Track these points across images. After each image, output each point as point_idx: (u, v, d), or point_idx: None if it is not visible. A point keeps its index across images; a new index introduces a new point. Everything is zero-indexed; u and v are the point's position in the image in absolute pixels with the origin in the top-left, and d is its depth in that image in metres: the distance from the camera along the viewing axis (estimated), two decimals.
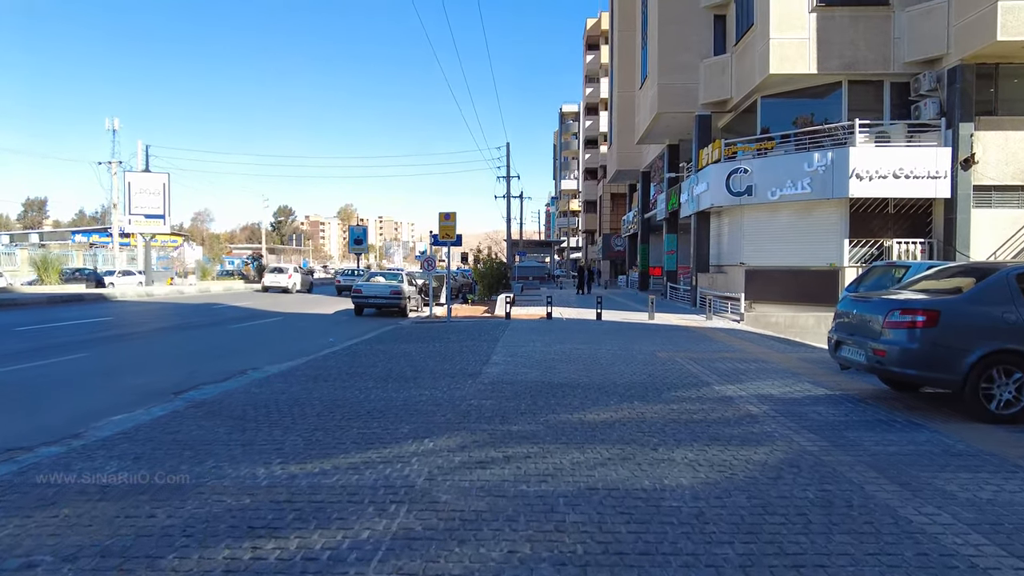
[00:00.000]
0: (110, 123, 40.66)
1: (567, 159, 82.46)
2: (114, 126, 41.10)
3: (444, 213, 15.76)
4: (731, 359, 9.36)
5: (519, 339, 11.78)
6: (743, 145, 18.10)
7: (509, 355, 9.60)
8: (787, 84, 17.43)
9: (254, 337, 13.81)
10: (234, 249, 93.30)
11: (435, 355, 9.72)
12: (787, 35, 16.23)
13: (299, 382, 7.55)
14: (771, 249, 17.73)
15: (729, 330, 14.04)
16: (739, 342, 11.75)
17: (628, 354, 9.70)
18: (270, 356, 10.29)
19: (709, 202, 18.80)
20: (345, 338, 12.78)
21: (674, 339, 11.97)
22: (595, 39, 60.24)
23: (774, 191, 16.87)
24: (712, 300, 16.88)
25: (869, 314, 5.99)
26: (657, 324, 14.92)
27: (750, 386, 7.15)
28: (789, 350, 10.76)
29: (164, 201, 30.48)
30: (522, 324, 14.81)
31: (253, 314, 19.03)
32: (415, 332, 13.41)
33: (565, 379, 7.53)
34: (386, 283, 18.85)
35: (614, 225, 49.78)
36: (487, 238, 79.39)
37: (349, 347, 10.96)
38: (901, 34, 15.88)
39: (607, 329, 13.77)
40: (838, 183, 15.60)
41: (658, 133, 24.40)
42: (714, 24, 20.51)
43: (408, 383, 7.35)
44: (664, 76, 20.77)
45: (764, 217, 17.94)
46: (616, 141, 33.61)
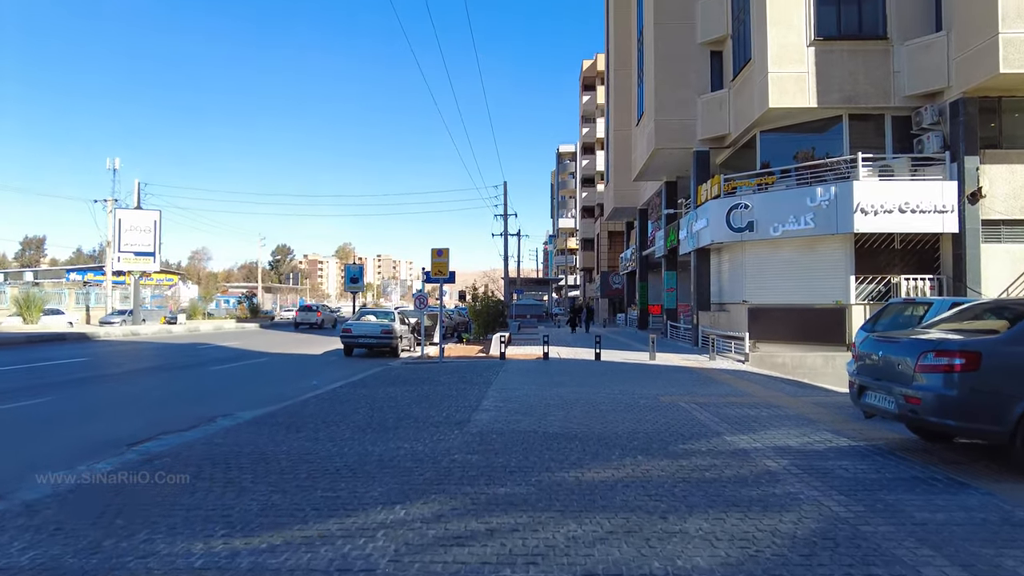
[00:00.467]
0: (111, 163, 40.94)
1: (564, 198, 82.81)
2: (115, 165, 41.44)
3: (437, 249, 15.26)
4: (740, 404, 8.69)
5: (513, 382, 11.11)
6: (743, 180, 17.74)
7: (501, 400, 8.93)
8: (786, 118, 17.17)
9: (234, 380, 13.11)
10: (230, 288, 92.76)
11: (422, 400, 9.04)
12: (786, 69, 16.03)
13: (269, 431, 6.87)
14: (774, 286, 17.20)
15: (734, 371, 13.38)
16: (746, 385, 11.08)
17: (629, 399, 9.03)
18: (247, 401, 9.64)
19: (709, 238, 18.35)
20: (330, 381, 12.11)
21: (677, 382, 11.30)
22: (591, 80, 61.09)
23: (776, 227, 16.43)
24: (715, 339, 16.25)
25: (898, 356, 5.37)
26: (659, 365, 14.26)
27: (765, 436, 6.48)
28: (800, 393, 10.09)
29: (155, 238, 30.05)
30: (517, 365, 14.15)
31: (239, 355, 18.34)
32: (404, 374, 12.73)
33: (561, 429, 6.86)
34: (377, 322, 18.22)
35: (612, 263, 49.43)
36: (485, 276, 79.05)
37: (332, 391, 10.28)
38: (901, 68, 15.68)
39: (606, 370, 13.10)
40: (842, 218, 15.17)
41: (655, 170, 24.15)
42: (711, 60, 20.43)
43: (388, 433, 6.67)
44: (661, 112, 20.59)
45: (766, 253, 17.45)
46: (613, 179, 33.47)
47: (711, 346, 15.75)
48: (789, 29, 16.03)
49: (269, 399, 9.66)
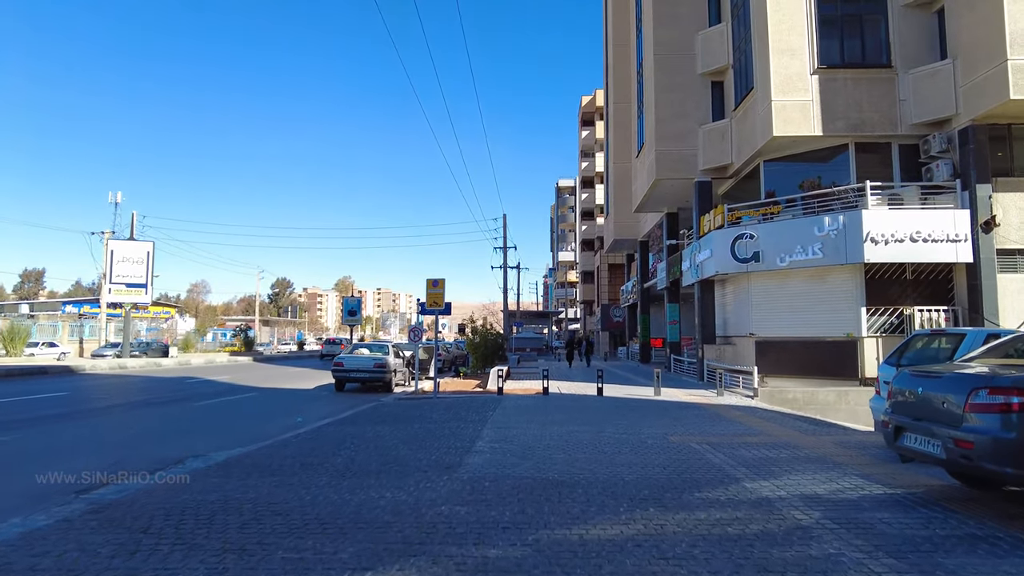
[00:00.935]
0: (112, 196, 40.58)
1: (564, 231, 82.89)
2: (116, 199, 41.44)
3: (432, 280, 14.72)
4: (755, 444, 8.02)
5: (510, 419, 10.43)
6: (747, 210, 17.31)
7: (497, 440, 8.25)
8: (790, 147, 16.83)
9: (216, 416, 12.41)
10: (227, 321, 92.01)
11: (411, 440, 8.37)
12: (789, 97, 15.74)
13: (240, 476, 6.21)
14: (782, 319, 16.61)
15: (744, 408, 12.69)
16: (758, 422, 10.40)
17: (636, 439, 8.36)
18: (225, 440, 8.98)
19: (713, 269, 17.83)
20: (316, 417, 11.43)
21: (685, 419, 10.62)
22: (590, 115, 61.58)
23: (783, 257, 15.92)
24: (723, 374, 15.57)
25: (941, 394, 4.76)
26: (664, 401, 13.57)
27: (789, 482, 5.81)
28: (818, 431, 9.41)
29: (147, 270, 29.54)
30: (515, 401, 13.46)
31: (227, 389, 17.63)
32: (395, 411, 12.04)
33: (562, 474, 6.19)
34: (370, 355, 17.55)
35: (612, 296, 48.94)
36: (484, 309, 78.41)
37: (316, 429, 9.60)
38: (907, 96, 15.39)
39: (610, 407, 12.41)
40: (852, 247, 14.67)
41: (656, 201, 23.80)
42: (711, 90, 20.24)
43: (370, 479, 6.01)
44: (661, 143, 20.31)
45: (773, 285, 16.91)
46: (613, 211, 33.18)
47: (718, 381, 15.07)
48: (792, 57, 15.80)
49: (249, 438, 9.00)
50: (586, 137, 61.96)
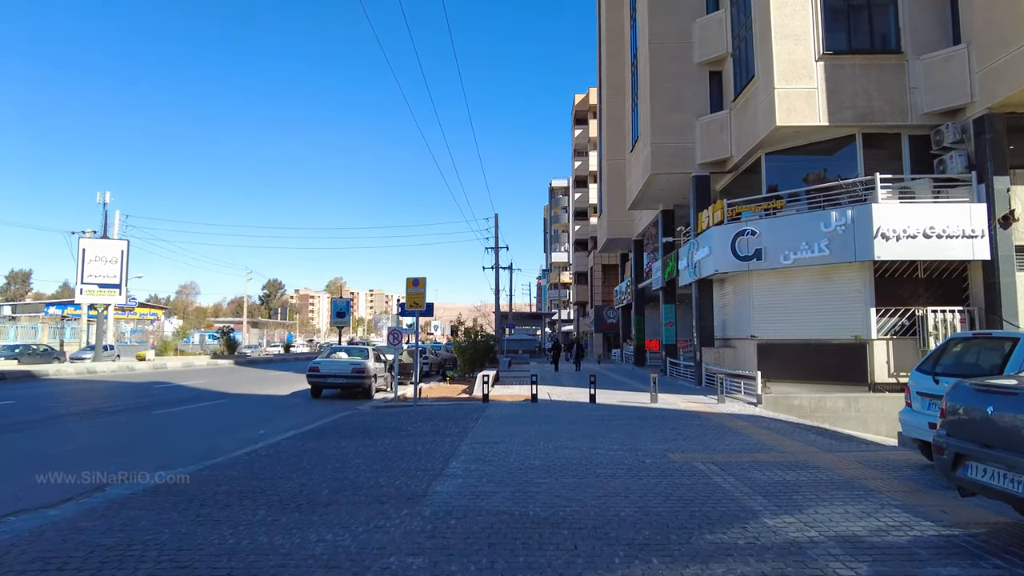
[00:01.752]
0: (101, 197, 40.48)
1: (557, 232, 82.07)
2: (105, 200, 40.69)
3: (412, 279, 13.69)
4: (769, 464, 7.03)
5: (493, 432, 9.41)
6: (749, 205, 16.36)
7: (474, 460, 7.23)
8: (794, 139, 15.91)
9: (169, 428, 11.32)
10: (216, 323, 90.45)
11: (377, 459, 7.34)
12: (793, 85, 14.80)
13: (162, 508, 5.19)
14: (785, 320, 15.67)
15: (749, 417, 11.71)
16: (767, 435, 9.42)
17: (633, 458, 7.35)
18: (170, 456, 7.98)
19: (712, 268, 16.86)
20: (282, 429, 10.39)
21: (687, 431, 9.62)
22: (583, 114, 60.72)
23: (787, 254, 14.97)
24: (724, 379, 14.59)
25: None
26: (662, 409, 12.59)
27: (818, 518, 4.82)
28: (836, 446, 8.43)
29: (121, 270, 28.25)
30: (501, 409, 12.44)
31: (195, 396, 16.53)
32: (369, 421, 11.00)
33: (546, 506, 5.18)
34: (348, 360, 16.50)
35: (606, 297, 48.00)
36: (476, 311, 77.38)
37: (275, 444, 8.57)
38: (917, 83, 14.48)
39: (603, 416, 11.41)
40: (861, 244, 13.73)
41: (651, 198, 22.84)
42: (709, 81, 19.30)
43: (314, 514, 4.98)
44: (657, 136, 19.34)
45: (776, 284, 15.96)
46: (607, 209, 32.22)
47: (719, 387, 14.08)
48: (796, 43, 14.87)
49: (198, 454, 7.98)
50: (579, 136, 61.08)
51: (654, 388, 13.47)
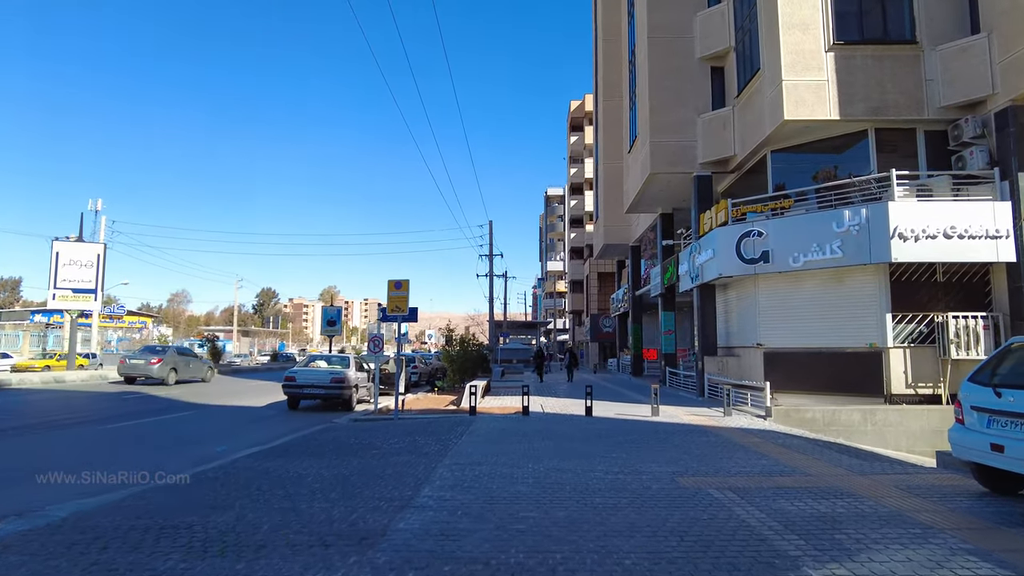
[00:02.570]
0: (93, 204, 39.18)
1: (553, 241, 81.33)
2: (97, 207, 40.52)
3: (394, 281, 12.67)
4: (795, 490, 6.01)
5: (477, 450, 8.37)
6: (755, 205, 15.43)
7: (451, 485, 6.19)
8: (801, 135, 15.01)
9: (116, 444, 10.18)
10: (206, 331, 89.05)
11: (337, 484, 6.30)
12: (802, 77, 13.92)
13: (50, 553, 4.16)
14: (794, 327, 14.70)
15: (759, 432, 10.69)
16: (784, 453, 8.40)
17: (636, 483, 6.32)
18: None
19: (716, 272, 15.87)
20: (246, 445, 9.35)
21: (694, 449, 8.60)
22: (579, 121, 60.03)
23: (796, 257, 14.01)
24: (730, 391, 13.55)
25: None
26: (664, 423, 11.56)
27: (875, 569, 3.80)
28: (865, 468, 7.42)
29: (97, 274, 27.04)
30: (489, 423, 11.40)
31: (163, 407, 15.42)
32: (342, 437, 9.94)
33: (532, 552, 4.14)
34: (327, 369, 15.42)
35: (602, 305, 47.06)
36: (471, 319, 76.24)
37: (228, 465, 7.51)
38: (934, 75, 13.61)
39: (601, 431, 10.37)
40: (876, 245, 12.79)
41: (650, 200, 21.91)
42: (711, 77, 18.42)
43: (239, 560, 3.95)
44: (657, 134, 18.43)
45: (784, 288, 15.00)
46: (603, 214, 31.28)
47: (725, 398, 13.06)
48: (805, 33, 14.00)
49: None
50: (575, 143, 60.34)
51: (655, 400, 12.45)
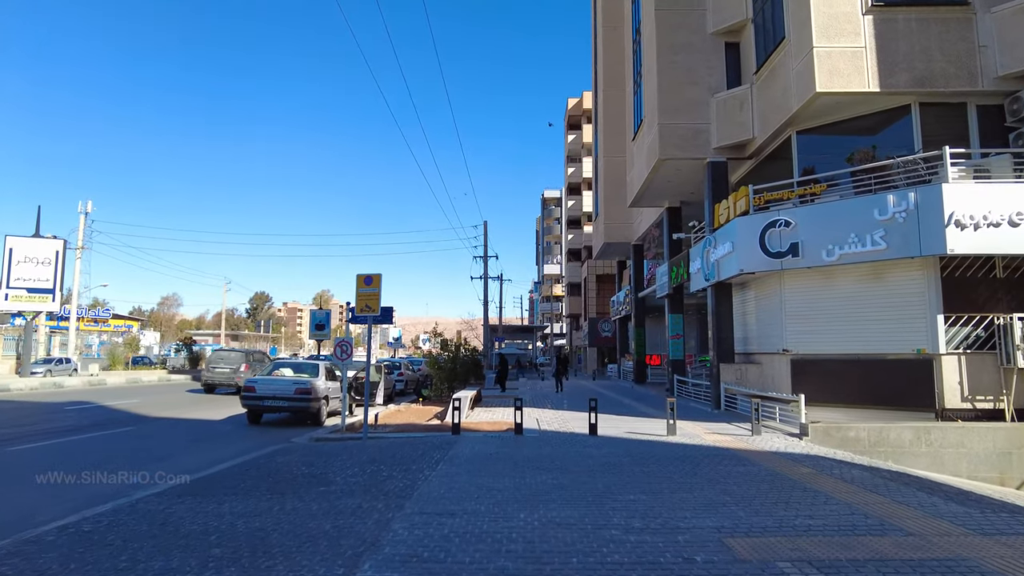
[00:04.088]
0: (83, 206, 39.26)
1: (550, 244, 79.58)
2: (87, 209, 39.63)
3: (364, 275, 10.75)
4: (906, 565, 4.11)
5: (453, 489, 6.45)
6: (780, 192, 13.59)
7: (405, 556, 4.27)
8: (832, 112, 13.19)
9: (17, 471, 8.24)
10: (195, 335, 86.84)
11: (245, 550, 4.38)
12: (836, 43, 12.11)
13: None
14: (826, 330, 12.86)
15: (804, 458, 8.79)
16: (853, 492, 6.51)
17: (672, 550, 4.40)
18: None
19: (736, 268, 14.00)
20: (175, 471, 7.41)
21: (733, 486, 6.70)
22: (576, 119, 58.29)
23: (831, 249, 12.16)
24: (758, 405, 11.60)
25: None
26: (684, 446, 9.66)
27: None
28: (985, 522, 5.52)
29: (55, 273, 24.97)
30: (474, 446, 9.47)
31: (101, 420, 13.47)
32: (290, 465, 8.01)
33: None
34: (292, 378, 13.48)
35: (600, 309, 45.19)
36: (465, 324, 74.23)
37: (125, 508, 5.63)
38: (988, 40, 11.82)
39: (610, 458, 8.44)
40: (928, 234, 10.94)
41: (656, 192, 20.05)
42: (726, 53, 16.60)
43: None
44: (666, 115, 16.58)
45: (814, 286, 13.16)
46: (603, 211, 29.43)
47: (753, 414, 11.11)
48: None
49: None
50: (572, 141, 58.55)
51: (671, 416, 10.54)
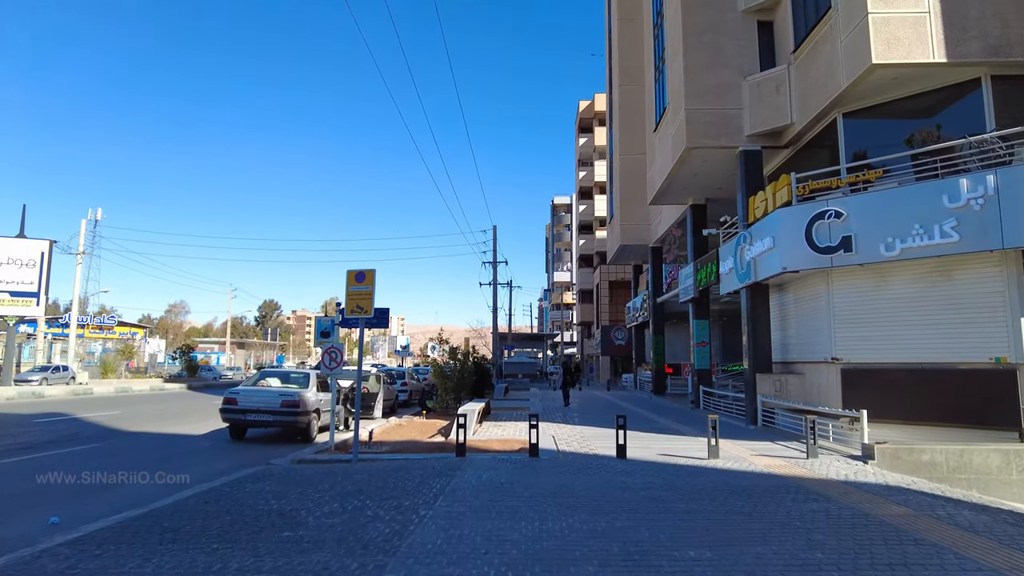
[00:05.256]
0: (92, 213, 39.64)
1: (560, 251, 78.14)
2: (96, 216, 39.95)
3: (355, 271, 9.29)
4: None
5: (454, 539, 4.94)
6: (827, 180, 12.05)
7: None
8: (886, 90, 11.66)
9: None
10: (202, 343, 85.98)
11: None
12: (895, 8, 10.61)
13: None
14: (883, 336, 11.28)
15: (884, 489, 7.20)
16: (982, 545, 4.94)
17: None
18: None
19: (778, 265, 12.42)
20: (109, 509, 5.97)
21: (821, 536, 5.14)
22: (588, 122, 56.91)
23: (891, 243, 10.59)
24: (815, 423, 9.96)
25: None
26: (733, 472, 8.10)
27: None
28: None
29: (40, 275, 23.70)
30: (481, 474, 7.95)
31: (68, 436, 12.08)
32: (254, 498, 6.53)
33: None
34: (278, 389, 12.03)
35: (614, 316, 43.54)
36: (473, 332, 72.75)
37: (16, 566, 4.15)
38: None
39: (650, 492, 6.89)
40: (1012, 224, 9.37)
41: (679, 187, 18.54)
42: (758, 32, 15.12)
43: None
44: (694, 100, 15.09)
45: (868, 285, 11.58)
46: (619, 213, 27.90)
47: (808, 434, 9.45)
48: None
49: None
50: (584, 144, 57.13)
51: (713, 435, 8.97)
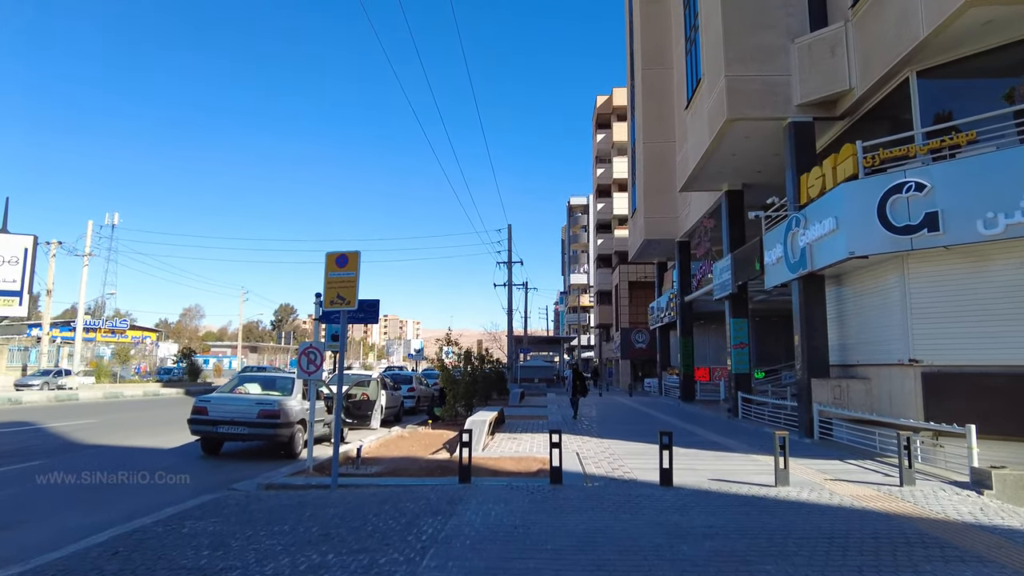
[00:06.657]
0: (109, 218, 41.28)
1: (576, 252, 76.21)
2: (113, 221, 41.47)
3: (336, 255, 7.57)
4: None
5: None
6: (904, 147, 10.14)
7: None
8: (974, 40, 9.75)
9: None
10: (213, 347, 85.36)
11: None
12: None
13: None
14: (978, 333, 9.34)
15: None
16: None
17: None
18: None
19: (844, 250, 10.44)
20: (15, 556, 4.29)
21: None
22: (605, 117, 55.06)
23: (989, 219, 8.67)
24: (912, 442, 7.99)
25: None
26: (819, 508, 6.25)
27: None
28: None
29: (23, 273, 22.42)
30: (489, 511, 6.16)
31: (19, 449, 10.53)
32: (191, 542, 4.81)
33: None
34: (256, 396, 10.36)
35: (634, 318, 41.48)
36: (489, 336, 71.11)
37: None
38: None
39: (717, 545, 5.04)
40: None
41: (714, 172, 16.69)
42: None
43: None
44: (735, 66, 13.24)
45: (957, 271, 9.64)
46: (644, 205, 26.03)
47: (904, 456, 7.50)
48: None
49: None
50: (602, 141, 55.27)
51: (781, 455, 7.10)
